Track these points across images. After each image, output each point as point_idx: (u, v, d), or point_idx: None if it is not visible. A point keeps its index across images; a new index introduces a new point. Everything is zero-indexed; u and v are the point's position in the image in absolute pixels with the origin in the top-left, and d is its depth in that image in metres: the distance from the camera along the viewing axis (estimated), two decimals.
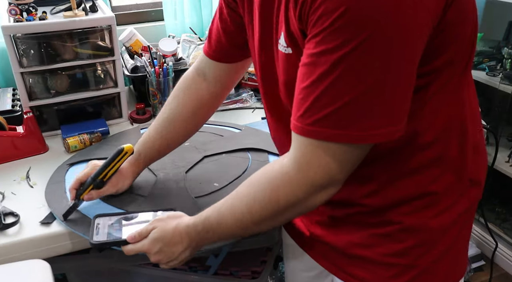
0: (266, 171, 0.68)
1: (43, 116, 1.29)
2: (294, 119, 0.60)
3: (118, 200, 0.96)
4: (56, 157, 1.18)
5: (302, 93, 0.58)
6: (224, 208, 0.72)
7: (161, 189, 1.01)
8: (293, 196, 0.64)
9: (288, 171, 0.63)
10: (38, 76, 1.24)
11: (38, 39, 1.18)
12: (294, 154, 0.62)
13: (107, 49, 1.27)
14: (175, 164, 1.10)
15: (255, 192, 0.68)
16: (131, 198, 0.98)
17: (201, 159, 1.12)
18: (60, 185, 1.04)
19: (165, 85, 1.35)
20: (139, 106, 1.38)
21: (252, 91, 1.52)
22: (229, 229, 0.72)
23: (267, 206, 0.66)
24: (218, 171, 1.07)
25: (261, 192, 0.67)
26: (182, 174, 1.06)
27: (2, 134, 1.16)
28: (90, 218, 0.89)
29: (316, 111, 0.57)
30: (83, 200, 0.91)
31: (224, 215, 0.71)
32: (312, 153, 0.60)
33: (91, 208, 0.93)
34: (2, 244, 0.88)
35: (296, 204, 0.64)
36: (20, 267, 0.80)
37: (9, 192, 1.04)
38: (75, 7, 1.20)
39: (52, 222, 0.94)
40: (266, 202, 0.66)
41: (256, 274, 1.08)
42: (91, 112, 1.34)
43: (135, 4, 1.73)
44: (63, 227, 0.92)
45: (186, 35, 1.61)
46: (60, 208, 0.95)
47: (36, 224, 0.93)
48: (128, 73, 1.42)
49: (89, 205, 0.94)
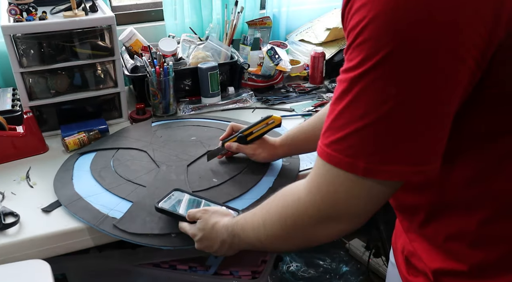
0: (289, 187, 0.65)
1: (43, 116, 1.29)
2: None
3: (120, 188, 1.01)
4: (56, 157, 1.18)
5: (329, 110, 0.54)
6: (249, 215, 0.72)
7: (161, 180, 1.04)
8: (299, 218, 0.60)
9: (300, 191, 0.60)
10: (38, 76, 1.24)
11: (38, 39, 1.18)
12: (310, 175, 0.58)
13: (107, 49, 1.27)
14: (179, 157, 1.13)
15: (271, 206, 0.67)
16: (131, 187, 1.02)
17: (204, 154, 1.14)
18: (68, 173, 1.10)
19: (165, 85, 1.35)
20: (139, 106, 1.38)
21: (252, 91, 1.52)
22: (249, 238, 0.71)
23: (276, 222, 0.65)
24: (219, 167, 1.09)
25: (275, 207, 0.65)
26: (184, 167, 1.09)
27: (2, 134, 1.16)
28: (93, 206, 0.95)
29: (332, 132, 0.52)
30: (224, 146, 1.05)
31: (247, 222, 0.72)
32: (323, 176, 0.55)
33: (94, 198, 0.99)
34: (2, 244, 0.88)
35: (303, 228, 0.61)
36: (20, 267, 0.80)
37: (9, 192, 1.04)
38: (75, 7, 1.20)
39: (52, 211, 0.97)
40: (276, 219, 0.65)
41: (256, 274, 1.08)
42: (91, 112, 1.34)
43: (135, 4, 1.73)
44: (62, 227, 0.92)
45: (186, 35, 1.61)
46: (66, 195, 1.00)
47: (36, 224, 0.93)
48: (128, 73, 1.42)
49: (94, 195, 1.00)
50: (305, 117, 1.35)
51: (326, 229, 0.59)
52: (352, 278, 1.79)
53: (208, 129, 1.29)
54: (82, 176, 1.09)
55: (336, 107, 0.52)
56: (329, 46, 1.69)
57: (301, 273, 1.80)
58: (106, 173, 1.08)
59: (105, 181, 1.05)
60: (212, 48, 1.52)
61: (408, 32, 0.45)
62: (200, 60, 1.48)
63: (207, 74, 1.42)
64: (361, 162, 0.50)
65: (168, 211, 0.89)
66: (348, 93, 0.50)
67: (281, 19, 1.83)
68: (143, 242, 0.87)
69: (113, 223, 0.90)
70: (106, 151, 1.19)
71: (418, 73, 0.46)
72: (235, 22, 1.62)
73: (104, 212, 0.94)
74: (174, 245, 0.86)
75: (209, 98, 1.45)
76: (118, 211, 0.94)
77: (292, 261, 1.85)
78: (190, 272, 1.09)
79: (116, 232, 0.89)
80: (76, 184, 1.05)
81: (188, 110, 1.42)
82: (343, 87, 0.50)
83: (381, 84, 0.47)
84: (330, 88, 1.58)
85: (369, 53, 0.47)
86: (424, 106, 0.48)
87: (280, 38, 1.84)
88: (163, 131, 1.29)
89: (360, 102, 0.49)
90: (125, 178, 1.06)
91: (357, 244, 1.92)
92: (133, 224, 0.90)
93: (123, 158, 1.15)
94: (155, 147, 1.19)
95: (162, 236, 0.88)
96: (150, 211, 0.93)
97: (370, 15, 0.46)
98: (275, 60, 1.54)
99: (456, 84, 0.47)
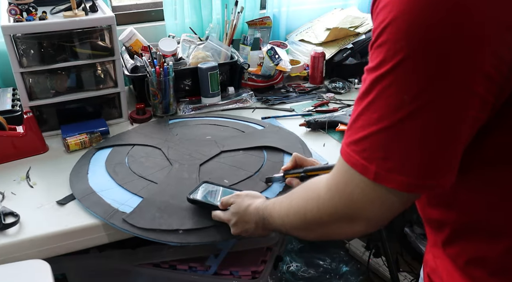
0: (313, 180, 0.66)
1: (43, 116, 1.29)
2: None
3: (132, 184, 1.03)
4: (56, 157, 1.18)
5: (354, 107, 0.54)
6: (277, 202, 0.74)
7: (173, 178, 1.05)
8: (318, 215, 0.61)
9: (320, 188, 0.60)
10: (38, 76, 1.23)
11: (38, 39, 1.18)
12: (332, 172, 0.58)
13: (107, 49, 1.27)
14: (192, 156, 1.15)
15: (295, 197, 0.68)
16: (144, 183, 1.03)
17: (217, 154, 1.15)
18: (85, 167, 1.12)
19: (165, 85, 1.35)
20: (139, 106, 1.38)
21: (252, 91, 1.52)
22: (276, 224, 0.74)
23: (296, 215, 0.67)
24: (231, 167, 1.09)
25: (298, 199, 0.67)
26: (196, 166, 1.09)
27: (2, 134, 1.16)
28: (105, 201, 0.97)
29: (353, 132, 0.52)
30: (285, 179, 1.01)
31: (275, 209, 0.74)
32: (342, 175, 0.56)
33: (107, 193, 1.01)
34: (2, 244, 0.88)
35: (321, 224, 0.62)
36: (20, 267, 0.80)
37: (9, 192, 1.04)
38: (75, 7, 1.20)
39: (66, 203, 0.99)
40: (296, 211, 0.66)
41: (256, 274, 1.08)
42: (91, 112, 1.34)
43: (135, 4, 1.73)
44: (62, 227, 0.92)
45: (186, 35, 1.61)
46: (80, 189, 1.02)
47: (36, 224, 0.93)
48: (128, 73, 1.42)
49: (107, 190, 1.02)
50: (305, 117, 1.35)
51: (342, 228, 0.60)
52: (352, 278, 1.79)
53: (224, 129, 1.30)
54: (97, 170, 1.10)
55: (357, 108, 0.52)
56: (329, 46, 1.69)
57: (301, 273, 1.80)
58: (120, 169, 1.10)
59: (118, 176, 1.06)
60: (212, 48, 1.52)
61: (425, 36, 0.44)
62: (200, 60, 1.48)
63: (207, 74, 1.42)
64: (373, 166, 0.50)
65: (200, 201, 0.93)
66: (368, 95, 0.50)
67: (281, 19, 1.83)
68: (150, 237, 0.88)
69: (122, 217, 0.91)
70: (122, 147, 1.21)
71: (431, 80, 0.45)
72: (235, 22, 1.62)
73: (115, 206, 0.95)
74: (180, 242, 0.87)
75: (209, 98, 1.45)
76: (129, 206, 0.95)
77: (292, 261, 1.85)
78: (190, 272, 1.09)
79: (125, 226, 0.90)
80: (91, 178, 1.07)
81: (188, 110, 1.42)
82: (365, 87, 0.51)
83: (396, 89, 0.47)
84: (330, 88, 1.58)
85: (387, 56, 0.47)
86: (436, 117, 0.47)
87: (280, 38, 1.84)
88: (179, 129, 1.30)
89: (377, 106, 0.49)
90: (137, 174, 1.07)
91: (357, 244, 1.92)
92: (142, 219, 0.91)
93: (137, 154, 1.16)
94: (170, 145, 1.20)
95: (170, 231, 0.88)
96: (159, 206, 0.94)
97: (390, 17, 0.46)
98: (275, 60, 1.54)
99: (473, 96, 0.45)
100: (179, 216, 0.91)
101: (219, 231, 0.89)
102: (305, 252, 1.89)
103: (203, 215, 0.91)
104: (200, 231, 0.89)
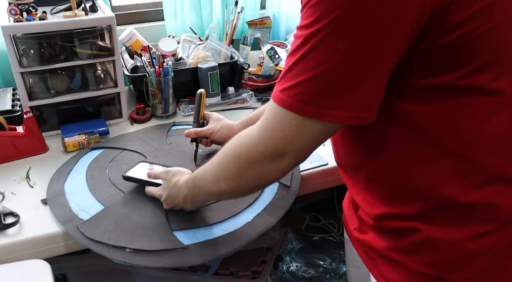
0: (244, 130, 0.72)
1: (43, 116, 1.29)
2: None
3: (101, 191, 1.01)
4: (56, 157, 1.18)
5: (285, 62, 0.62)
6: (207, 163, 0.79)
7: (141, 190, 1.00)
8: (251, 154, 0.68)
9: (252, 131, 0.68)
10: (38, 76, 1.24)
11: (38, 39, 1.18)
12: (262, 117, 0.66)
13: (107, 49, 1.27)
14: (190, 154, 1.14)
15: (226, 148, 0.74)
16: (112, 191, 1.02)
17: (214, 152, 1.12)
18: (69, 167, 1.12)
19: (165, 85, 1.35)
20: (139, 106, 1.38)
21: (252, 91, 1.52)
22: (208, 185, 0.78)
23: (231, 161, 0.72)
24: None
25: (229, 147, 0.73)
26: (192, 166, 1.08)
27: (2, 134, 1.16)
28: (69, 204, 0.97)
29: (286, 80, 0.60)
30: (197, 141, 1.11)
31: (205, 170, 0.79)
32: (273, 117, 0.63)
33: (74, 196, 1.00)
34: (2, 244, 0.88)
35: (254, 164, 0.68)
36: (20, 267, 0.80)
37: (9, 192, 1.04)
38: (75, 7, 1.20)
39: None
40: (231, 157, 0.72)
41: (256, 274, 1.08)
42: (91, 112, 1.34)
43: (135, 4, 1.73)
44: (62, 227, 0.92)
45: (186, 35, 1.61)
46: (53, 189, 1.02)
47: (36, 224, 0.93)
48: (128, 73, 1.42)
49: (76, 193, 1.01)
50: None
51: (274, 164, 0.66)
52: None
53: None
54: (79, 172, 1.09)
55: (291, 60, 0.59)
56: None
57: (301, 273, 1.80)
58: (98, 173, 1.08)
59: (93, 180, 1.05)
60: (212, 48, 1.52)
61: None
62: (200, 60, 1.48)
63: (207, 74, 1.42)
64: (311, 106, 0.58)
65: (134, 178, 0.98)
66: (302, 48, 0.57)
67: (281, 19, 1.83)
68: (96, 250, 0.85)
69: (77, 224, 0.90)
70: (112, 150, 1.19)
71: (363, 32, 0.54)
72: (235, 22, 1.62)
73: (75, 211, 0.94)
74: (125, 261, 0.83)
75: (209, 98, 1.45)
76: (88, 213, 0.93)
77: (292, 261, 1.85)
78: (190, 272, 1.09)
79: (76, 234, 0.88)
80: (70, 179, 1.06)
81: (188, 110, 1.42)
82: (298, 42, 0.58)
83: (332, 41, 0.55)
84: None
85: (323, 14, 0.54)
86: (366, 61, 0.56)
87: (280, 38, 1.84)
88: (175, 138, 1.26)
89: (313, 56, 0.57)
90: (111, 181, 1.04)
91: None
92: (95, 229, 0.88)
93: (122, 160, 1.14)
94: (157, 154, 1.16)
95: (116, 248, 0.85)
96: (116, 219, 0.91)
97: None
98: (275, 60, 1.54)
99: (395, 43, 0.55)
100: (131, 232, 0.88)
101: (171, 256, 0.83)
102: (305, 252, 1.89)
103: (155, 236, 0.87)
104: (145, 254, 0.84)
